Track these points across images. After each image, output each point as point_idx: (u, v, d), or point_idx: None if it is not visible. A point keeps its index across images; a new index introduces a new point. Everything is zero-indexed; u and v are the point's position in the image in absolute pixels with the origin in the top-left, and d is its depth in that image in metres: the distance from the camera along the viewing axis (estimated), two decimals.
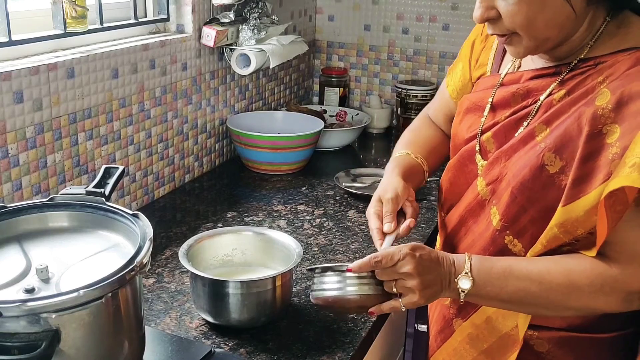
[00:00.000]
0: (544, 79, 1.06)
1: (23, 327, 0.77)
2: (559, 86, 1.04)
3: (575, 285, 0.97)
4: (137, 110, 1.60)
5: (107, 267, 0.85)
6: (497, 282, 1.00)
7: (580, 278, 0.97)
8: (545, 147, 1.00)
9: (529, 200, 1.01)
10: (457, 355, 1.17)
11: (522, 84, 1.10)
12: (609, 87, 0.96)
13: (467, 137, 1.18)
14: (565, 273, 0.97)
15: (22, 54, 1.35)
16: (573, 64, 1.03)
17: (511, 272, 0.99)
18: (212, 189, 1.85)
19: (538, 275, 0.98)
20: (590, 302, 0.98)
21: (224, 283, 1.13)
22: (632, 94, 0.93)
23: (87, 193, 1.02)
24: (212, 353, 1.09)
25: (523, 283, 0.99)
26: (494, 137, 1.11)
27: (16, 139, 1.28)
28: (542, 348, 1.08)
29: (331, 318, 1.22)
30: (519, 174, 1.02)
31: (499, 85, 1.14)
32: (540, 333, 1.08)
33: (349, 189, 1.80)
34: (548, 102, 1.04)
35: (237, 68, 1.91)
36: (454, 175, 1.20)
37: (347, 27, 2.54)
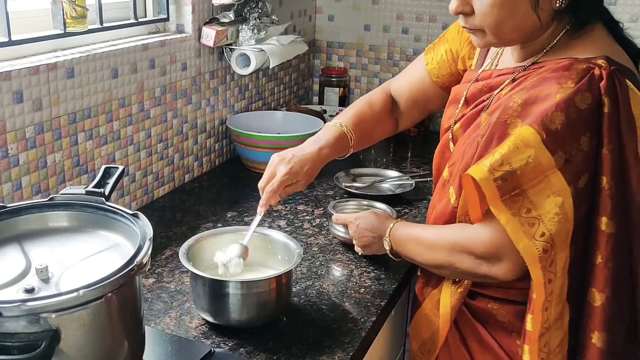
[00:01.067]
0: (504, 77, 1.17)
1: (23, 327, 0.77)
2: (510, 83, 1.15)
3: (439, 243, 1.17)
4: (136, 110, 1.60)
5: (107, 267, 0.85)
6: (401, 244, 1.26)
7: (444, 238, 1.17)
8: (479, 134, 1.11)
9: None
10: (429, 321, 1.27)
11: (488, 81, 1.21)
12: (528, 85, 1.06)
13: (446, 127, 1.30)
14: (437, 233, 1.19)
15: (22, 54, 1.35)
16: (526, 65, 1.13)
17: (408, 236, 1.25)
18: (211, 188, 1.85)
19: (419, 235, 1.23)
20: (448, 258, 1.15)
21: (224, 283, 1.13)
22: (539, 97, 1.02)
23: (87, 193, 1.02)
24: (212, 353, 1.09)
25: (411, 244, 1.24)
26: (462, 127, 1.24)
27: (16, 139, 1.28)
28: (504, 318, 1.17)
29: (331, 318, 1.22)
30: (464, 158, 1.14)
31: (475, 81, 1.25)
32: (501, 305, 1.17)
33: (349, 188, 1.80)
34: (497, 96, 1.16)
35: (236, 68, 1.91)
36: (437, 161, 1.33)
37: (347, 27, 2.54)
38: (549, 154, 0.99)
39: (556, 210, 0.99)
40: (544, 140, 0.98)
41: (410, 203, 1.76)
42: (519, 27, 1.07)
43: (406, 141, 2.34)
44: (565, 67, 1.03)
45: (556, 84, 1.01)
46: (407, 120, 1.52)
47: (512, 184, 1.00)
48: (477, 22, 1.08)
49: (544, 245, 1.00)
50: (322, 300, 1.28)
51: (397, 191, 1.80)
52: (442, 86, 1.42)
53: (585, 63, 1.03)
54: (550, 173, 0.99)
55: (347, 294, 1.31)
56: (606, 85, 1.00)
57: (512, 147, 0.99)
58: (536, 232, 1.00)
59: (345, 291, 1.32)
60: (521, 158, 0.99)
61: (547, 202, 0.99)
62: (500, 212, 1.01)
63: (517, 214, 1.00)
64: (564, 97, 0.99)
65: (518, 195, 1.00)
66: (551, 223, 0.99)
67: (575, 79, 1.00)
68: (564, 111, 0.99)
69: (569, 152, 0.99)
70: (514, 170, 0.99)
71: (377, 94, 1.50)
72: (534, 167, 0.99)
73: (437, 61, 1.40)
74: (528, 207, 1.00)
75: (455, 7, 1.09)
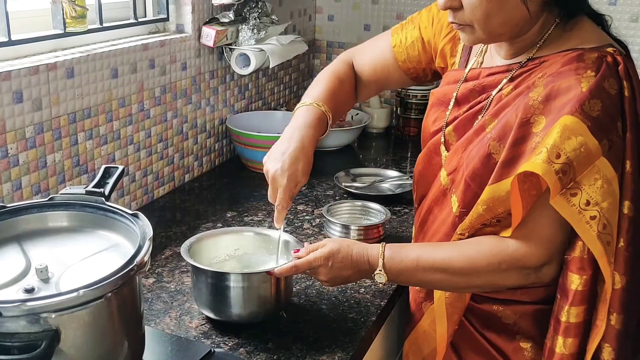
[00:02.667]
0: (497, 76, 1.15)
1: (23, 327, 0.77)
2: (508, 82, 1.12)
3: (475, 267, 1.08)
4: (136, 110, 1.60)
5: (106, 267, 0.85)
6: (407, 274, 1.12)
7: (480, 260, 1.07)
8: (490, 137, 1.09)
9: (480, 187, 1.09)
10: (427, 337, 1.23)
11: (479, 81, 1.18)
12: (543, 82, 1.04)
13: (433, 131, 1.26)
14: (465, 258, 1.08)
15: (21, 53, 1.35)
16: (523, 62, 1.11)
17: (418, 264, 1.11)
18: (211, 188, 1.85)
19: (441, 263, 1.09)
20: (490, 279, 1.08)
21: (226, 275, 1.13)
22: (560, 90, 1.01)
23: (86, 193, 1.02)
24: (212, 353, 1.09)
25: (429, 272, 1.11)
26: (455, 130, 1.20)
27: (16, 139, 1.28)
28: (509, 320, 1.15)
29: (331, 318, 1.22)
30: (470, 163, 1.11)
31: (463, 81, 1.21)
32: (506, 307, 1.15)
33: (349, 188, 1.80)
34: (498, 97, 1.13)
35: (236, 68, 1.91)
36: (422, 167, 1.29)
37: (346, 27, 2.54)
38: (596, 142, 0.97)
39: (610, 199, 0.99)
40: (589, 128, 0.97)
41: (410, 203, 1.76)
42: (508, 21, 1.06)
43: (406, 141, 2.34)
44: (576, 58, 1.03)
45: (575, 75, 1.00)
46: (364, 95, 1.46)
47: (570, 176, 0.98)
48: (466, 17, 1.06)
49: (607, 238, 0.99)
50: (322, 300, 1.28)
51: (397, 191, 1.80)
52: (407, 71, 1.38)
53: (596, 52, 1.03)
54: (599, 162, 0.98)
55: (347, 294, 1.31)
56: (624, 69, 1.01)
57: (563, 137, 0.97)
58: (599, 225, 0.98)
59: (345, 291, 1.32)
60: (574, 147, 0.97)
61: (602, 192, 0.98)
62: (562, 207, 0.99)
63: (578, 208, 0.99)
64: (594, 84, 0.99)
65: (574, 188, 0.99)
66: (609, 213, 0.99)
67: (593, 68, 1.00)
68: (598, 97, 0.98)
69: (610, 139, 0.99)
70: (570, 161, 0.97)
71: (343, 67, 1.41)
72: (586, 156, 0.98)
73: (406, 46, 1.36)
74: (587, 199, 0.98)
75: (444, 2, 1.07)
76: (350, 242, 1.15)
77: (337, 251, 1.12)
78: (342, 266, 1.12)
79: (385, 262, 1.11)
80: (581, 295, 1.03)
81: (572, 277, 1.03)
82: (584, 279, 1.02)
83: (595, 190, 0.98)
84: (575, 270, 1.03)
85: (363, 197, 1.74)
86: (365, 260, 1.12)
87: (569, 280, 1.04)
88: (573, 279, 1.03)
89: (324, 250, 1.12)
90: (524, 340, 1.14)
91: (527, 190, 1.01)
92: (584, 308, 1.04)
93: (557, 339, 1.05)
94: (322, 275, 1.13)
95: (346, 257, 1.12)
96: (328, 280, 1.14)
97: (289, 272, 1.12)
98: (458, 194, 1.14)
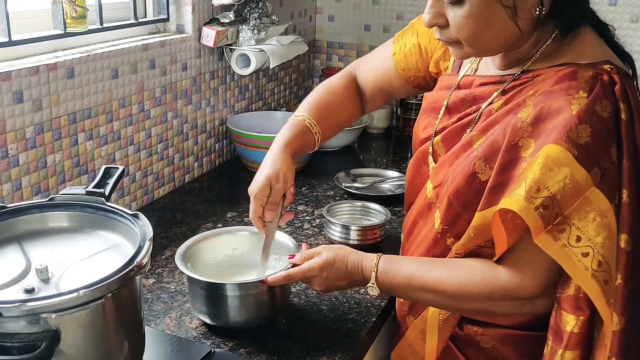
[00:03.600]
0: (489, 87, 1.09)
1: (23, 327, 0.77)
2: (500, 95, 1.06)
3: (466, 294, 1.03)
4: (137, 110, 1.60)
5: (106, 268, 0.85)
6: (399, 289, 1.10)
7: (471, 287, 1.03)
8: (476, 156, 1.02)
9: (464, 206, 1.04)
10: (413, 351, 1.21)
11: (471, 90, 1.12)
12: (533, 100, 0.98)
13: (422, 138, 1.21)
14: (457, 283, 1.04)
15: (22, 54, 1.35)
16: (516, 75, 1.05)
17: (410, 282, 1.07)
18: (212, 189, 1.85)
19: (432, 285, 1.05)
20: (482, 305, 1.04)
21: (221, 286, 1.12)
22: (550, 111, 0.94)
23: (87, 193, 1.02)
24: (212, 353, 1.09)
25: (421, 292, 1.07)
26: (443, 141, 1.15)
27: (16, 139, 1.28)
28: (488, 344, 1.12)
29: (331, 319, 1.22)
30: (455, 181, 1.05)
31: (456, 88, 1.16)
32: (485, 330, 1.11)
33: (349, 189, 1.80)
34: (488, 111, 1.07)
35: (237, 68, 1.91)
36: (412, 174, 1.25)
37: (347, 28, 2.54)
38: (584, 172, 0.90)
39: (605, 234, 0.90)
40: (576, 157, 0.90)
41: None
42: (497, 38, 0.99)
43: (406, 141, 2.34)
44: (568, 75, 0.96)
45: (565, 95, 0.94)
46: (372, 106, 1.44)
47: (554, 211, 0.91)
48: (453, 34, 1.00)
49: (604, 276, 0.91)
50: (322, 300, 1.28)
51: (397, 191, 1.80)
52: (407, 79, 1.34)
53: (591, 69, 0.96)
54: (589, 193, 0.90)
55: (347, 295, 1.30)
56: (620, 90, 0.94)
57: (544, 169, 0.90)
58: (593, 263, 0.90)
59: (346, 292, 1.31)
60: (558, 180, 0.90)
61: (595, 226, 0.90)
62: (548, 245, 0.92)
63: (567, 244, 0.91)
64: (584, 107, 0.91)
65: (562, 224, 0.91)
66: (604, 249, 0.90)
67: (586, 88, 0.93)
68: (587, 122, 0.91)
69: (603, 167, 0.91)
70: (553, 195, 0.90)
71: (338, 79, 1.41)
72: (573, 189, 0.90)
73: (405, 53, 1.31)
74: (577, 234, 0.91)
75: (428, 19, 1.01)
76: (347, 251, 1.12)
77: (332, 261, 1.10)
78: (336, 277, 1.11)
79: (378, 276, 1.09)
80: (577, 337, 0.95)
81: (567, 318, 0.96)
82: (580, 319, 0.95)
83: (587, 224, 0.90)
84: (571, 311, 0.95)
85: (363, 197, 1.74)
86: (359, 272, 1.11)
87: (563, 321, 0.96)
88: (568, 319, 0.95)
89: (319, 261, 1.11)
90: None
91: (510, 220, 0.94)
92: (579, 352, 0.96)
93: None
94: (316, 285, 1.13)
95: (341, 268, 1.10)
96: (322, 289, 1.13)
97: (282, 281, 1.11)
98: (441, 210, 1.09)
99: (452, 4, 0.97)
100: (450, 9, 0.98)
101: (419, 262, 1.10)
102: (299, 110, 1.32)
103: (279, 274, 1.11)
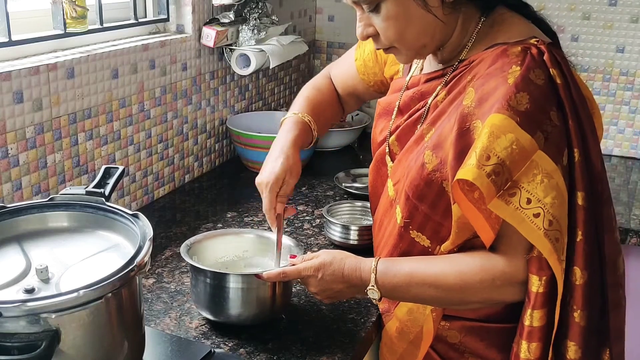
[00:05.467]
0: (433, 82, 1.13)
1: (23, 327, 0.77)
2: (443, 88, 1.11)
3: (468, 285, 1.04)
4: (137, 110, 1.60)
5: (107, 268, 0.85)
6: (400, 289, 1.08)
7: (472, 277, 1.03)
8: (425, 147, 1.07)
9: (418, 198, 1.08)
10: (390, 349, 1.22)
11: (418, 88, 1.16)
12: (474, 85, 1.02)
13: (379, 141, 1.25)
14: (458, 274, 1.04)
15: (22, 54, 1.35)
16: (455, 65, 1.10)
17: (411, 279, 1.07)
18: (212, 189, 1.85)
19: (434, 280, 1.06)
20: (486, 295, 1.05)
21: (225, 276, 1.13)
22: (489, 91, 0.98)
23: (87, 193, 1.02)
24: (212, 353, 1.09)
25: (422, 288, 1.07)
26: (397, 139, 1.19)
27: (16, 139, 1.28)
28: (455, 339, 1.14)
29: (331, 318, 1.22)
30: (409, 174, 1.09)
31: (405, 89, 1.21)
32: (452, 323, 1.13)
33: (349, 189, 1.80)
34: (434, 104, 1.11)
35: (237, 68, 1.91)
36: (373, 178, 1.29)
37: (347, 27, 2.54)
38: (528, 136, 0.94)
39: (553, 194, 0.95)
40: (519, 123, 0.94)
41: None
42: (422, 32, 1.04)
43: None
44: (500, 55, 1.01)
45: (501, 73, 0.98)
46: (348, 107, 1.50)
47: (504, 177, 0.95)
48: (383, 40, 1.05)
49: (555, 234, 0.95)
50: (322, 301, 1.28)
51: None
52: (368, 84, 1.39)
53: (519, 45, 1.00)
54: (535, 156, 0.95)
55: None
56: (549, 57, 0.99)
57: (491, 138, 0.94)
58: (544, 222, 0.95)
59: None
60: (505, 146, 0.94)
61: (544, 187, 0.94)
62: (502, 209, 0.95)
63: (519, 207, 0.95)
64: (519, 77, 0.96)
65: (513, 188, 0.95)
66: (554, 208, 0.95)
67: (517, 62, 0.98)
68: (525, 90, 0.95)
69: (545, 131, 0.96)
70: (502, 160, 0.94)
71: (321, 79, 1.47)
72: (520, 153, 0.94)
73: (364, 59, 1.36)
74: (527, 197, 0.95)
75: (360, 32, 1.07)
76: (345, 255, 1.12)
77: (328, 263, 1.10)
78: (332, 279, 1.10)
79: (377, 278, 1.08)
80: (542, 297, 0.99)
81: (533, 279, 0.99)
82: (543, 279, 0.99)
83: (535, 186, 0.94)
84: (535, 271, 0.99)
85: (363, 197, 1.74)
86: (357, 275, 1.10)
87: (530, 282, 1.00)
88: (533, 280, 0.99)
89: (315, 261, 1.11)
90: (473, 358, 1.13)
91: (479, 199, 0.96)
92: (546, 310, 1.00)
93: (522, 344, 1.02)
94: (312, 287, 1.12)
95: (337, 271, 1.10)
96: (318, 292, 1.12)
97: (276, 278, 1.11)
98: (401, 205, 1.12)
99: (372, 11, 1.03)
100: (373, 17, 1.04)
101: (418, 260, 1.11)
102: (294, 108, 1.36)
103: (274, 270, 1.12)
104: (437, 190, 1.05)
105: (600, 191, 1.02)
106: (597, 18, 2.17)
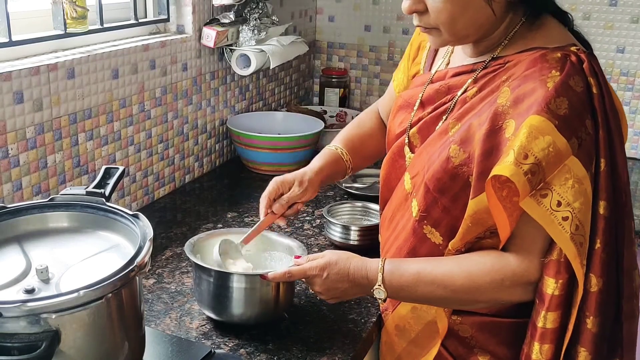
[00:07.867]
0: (462, 76, 1.13)
1: (23, 327, 0.77)
2: (472, 83, 1.11)
3: (477, 284, 1.05)
4: (137, 110, 1.60)
5: (107, 268, 0.85)
6: (408, 289, 1.08)
7: (481, 277, 1.04)
8: (452, 141, 1.07)
9: (440, 191, 1.07)
10: (389, 347, 1.22)
11: (445, 81, 1.16)
12: (510, 85, 1.03)
13: (398, 133, 1.25)
14: (467, 274, 1.05)
15: (22, 54, 1.35)
16: (487, 62, 1.10)
17: (419, 279, 1.07)
18: (212, 189, 1.85)
19: (442, 279, 1.06)
20: (494, 295, 1.06)
21: (229, 276, 1.13)
22: (526, 93, 0.99)
23: (87, 193, 1.02)
24: (212, 354, 1.09)
25: (430, 288, 1.07)
26: (419, 132, 1.18)
27: (16, 139, 1.28)
28: (466, 333, 1.14)
29: (331, 319, 1.22)
30: (431, 167, 1.09)
31: (429, 83, 1.20)
32: (464, 318, 1.13)
33: (349, 189, 1.80)
34: (462, 99, 1.11)
35: (237, 68, 1.91)
36: (387, 171, 1.28)
37: (347, 28, 2.54)
38: (564, 140, 0.96)
39: (582, 199, 0.96)
40: (557, 127, 0.95)
41: None
42: (473, 22, 1.04)
43: None
44: (539, 59, 1.01)
45: (540, 76, 0.99)
46: None
47: (539, 177, 0.96)
48: (432, 20, 1.05)
49: (580, 239, 0.97)
50: (323, 301, 1.28)
51: None
52: None
53: (559, 51, 1.01)
54: (568, 161, 0.96)
55: None
56: (588, 67, 1.00)
57: (530, 138, 0.95)
58: (571, 226, 0.96)
59: None
60: (542, 147, 0.95)
61: (574, 192, 0.96)
62: (533, 209, 0.96)
63: (550, 209, 0.96)
64: (559, 82, 0.97)
65: (545, 189, 0.96)
66: (581, 213, 0.96)
67: (557, 67, 0.99)
68: (564, 95, 0.97)
69: (580, 137, 0.97)
70: (539, 161, 0.95)
71: (364, 114, 1.51)
72: (555, 156, 0.95)
73: (400, 78, 1.37)
74: (558, 200, 0.96)
75: (408, 6, 1.06)
76: (351, 255, 1.12)
77: (334, 263, 1.10)
78: (337, 278, 1.10)
79: (384, 277, 1.08)
80: (557, 299, 1.00)
81: (548, 281, 1.00)
82: (560, 282, 1.00)
83: (566, 190, 0.96)
84: (552, 274, 1.00)
85: (363, 197, 1.74)
86: (363, 275, 1.10)
87: (545, 284, 1.01)
88: (549, 283, 1.00)
89: (321, 261, 1.11)
90: (482, 354, 1.13)
91: (507, 197, 0.98)
92: (560, 313, 1.01)
93: (534, 345, 1.03)
94: (317, 286, 1.12)
95: (343, 270, 1.10)
96: (323, 291, 1.12)
97: (282, 278, 1.11)
98: (418, 198, 1.12)
99: None
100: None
101: (425, 260, 1.11)
102: (333, 142, 1.42)
103: (279, 271, 1.11)
104: (462, 184, 1.05)
105: (623, 203, 1.03)
106: (598, 18, 2.17)
